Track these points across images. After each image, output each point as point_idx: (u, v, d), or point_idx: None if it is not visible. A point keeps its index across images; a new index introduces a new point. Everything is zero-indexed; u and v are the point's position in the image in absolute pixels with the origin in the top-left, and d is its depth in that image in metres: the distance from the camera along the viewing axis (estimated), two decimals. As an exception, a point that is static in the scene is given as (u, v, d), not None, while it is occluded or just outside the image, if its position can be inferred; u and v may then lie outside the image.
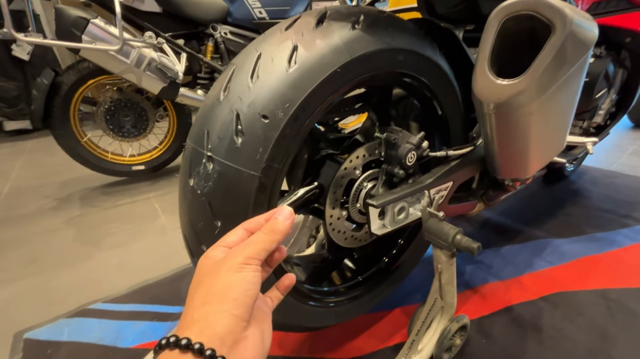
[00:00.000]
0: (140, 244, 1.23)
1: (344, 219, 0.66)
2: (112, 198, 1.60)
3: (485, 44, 0.43)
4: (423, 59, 0.58)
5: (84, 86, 1.53)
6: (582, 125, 0.99)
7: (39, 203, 1.57)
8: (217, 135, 0.45)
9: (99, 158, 1.67)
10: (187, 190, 0.47)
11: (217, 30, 1.67)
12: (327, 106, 0.50)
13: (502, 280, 0.96)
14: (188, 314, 0.27)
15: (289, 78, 0.45)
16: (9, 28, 1.16)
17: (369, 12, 0.53)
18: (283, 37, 0.47)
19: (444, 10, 0.71)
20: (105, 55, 1.36)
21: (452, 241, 0.57)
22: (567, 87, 0.45)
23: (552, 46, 0.39)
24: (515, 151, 0.57)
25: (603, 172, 1.65)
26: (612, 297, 0.88)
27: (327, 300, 0.69)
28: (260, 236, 0.31)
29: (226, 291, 0.27)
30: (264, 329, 0.29)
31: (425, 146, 0.62)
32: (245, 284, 0.27)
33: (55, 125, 1.51)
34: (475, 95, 0.47)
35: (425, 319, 0.68)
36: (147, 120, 1.73)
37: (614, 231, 1.17)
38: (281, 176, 0.49)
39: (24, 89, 2.69)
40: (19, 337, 0.84)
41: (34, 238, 1.29)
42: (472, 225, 1.25)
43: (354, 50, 0.48)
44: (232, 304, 0.26)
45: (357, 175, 0.64)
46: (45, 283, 1.04)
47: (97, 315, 0.90)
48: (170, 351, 0.24)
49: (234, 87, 0.46)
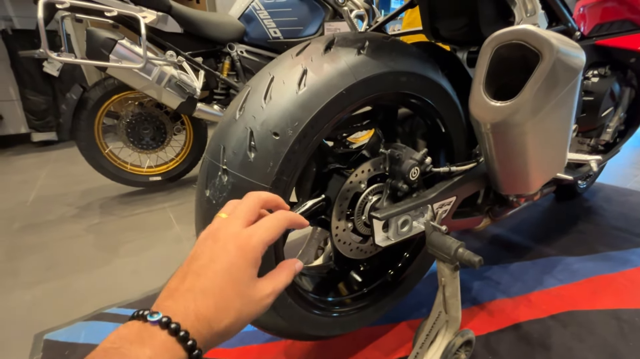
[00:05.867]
0: (155, 252, 1.27)
1: (349, 231, 0.68)
2: (129, 207, 1.66)
3: (480, 69, 0.46)
4: (425, 80, 0.62)
5: (108, 101, 1.63)
6: (589, 143, 0.99)
7: (62, 211, 1.65)
8: (232, 150, 0.49)
9: (119, 169, 1.75)
10: (203, 200, 0.51)
11: (234, 49, 1.76)
12: (333, 124, 0.54)
13: (511, 297, 0.96)
14: (187, 279, 0.29)
15: (298, 99, 0.49)
16: (44, 48, 1.26)
17: (374, 38, 0.57)
18: (294, 61, 0.51)
19: (448, 33, 0.75)
20: (130, 72, 1.45)
21: (454, 254, 0.59)
22: (560, 108, 0.47)
23: (541, 72, 0.42)
24: (514, 168, 0.59)
25: (617, 189, 1.62)
26: (624, 318, 0.87)
27: (333, 310, 0.71)
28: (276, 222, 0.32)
29: (234, 288, 0.29)
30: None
31: (429, 162, 0.65)
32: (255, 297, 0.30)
33: (80, 137, 1.61)
34: (472, 116, 0.50)
35: (430, 332, 0.69)
36: (165, 133, 1.81)
37: (627, 250, 1.15)
38: (290, 188, 0.52)
39: (52, 103, 2.86)
40: (39, 338, 0.88)
41: (55, 243, 1.36)
42: (481, 241, 1.25)
43: (359, 73, 0.52)
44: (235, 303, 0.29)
45: (363, 188, 0.67)
46: (65, 287, 1.09)
47: (112, 319, 0.94)
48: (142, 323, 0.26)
49: (248, 107, 0.50)
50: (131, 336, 0.25)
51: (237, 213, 0.32)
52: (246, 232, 0.31)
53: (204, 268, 0.29)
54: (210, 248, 0.30)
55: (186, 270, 0.30)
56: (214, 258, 0.29)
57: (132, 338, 0.25)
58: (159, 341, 0.25)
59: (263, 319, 0.59)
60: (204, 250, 0.30)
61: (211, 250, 0.30)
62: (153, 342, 0.25)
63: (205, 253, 0.30)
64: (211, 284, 0.28)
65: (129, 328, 0.26)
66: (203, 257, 0.30)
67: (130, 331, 0.26)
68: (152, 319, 0.26)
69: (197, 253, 0.31)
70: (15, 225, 1.52)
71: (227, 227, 0.31)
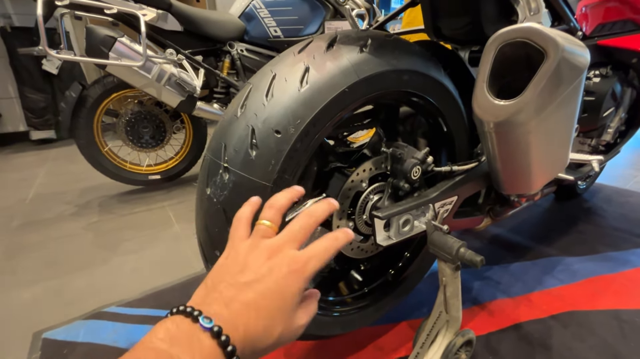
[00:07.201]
0: (154, 250, 1.27)
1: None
2: (128, 206, 1.66)
3: (483, 67, 0.46)
4: (428, 79, 0.61)
5: (108, 99, 1.62)
6: (590, 143, 0.99)
7: (60, 209, 1.64)
8: (233, 148, 0.49)
9: (118, 167, 1.74)
10: (204, 198, 0.51)
11: (234, 47, 1.76)
12: (335, 122, 0.53)
13: (511, 297, 0.96)
14: (239, 289, 0.27)
15: (300, 97, 0.48)
16: (43, 45, 1.25)
17: (376, 36, 0.56)
18: (296, 59, 0.51)
19: (450, 32, 0.74)
20: (129, 70, 1.44)
21: (455, 254, 0.59)
22: (563, 107, 0.47)
23: (545, 71, 0.41)
24: (517, 167, 0.59)
25: (618, 190, 1.62)
26: (624, 318, 0.87)
27: (334, 310, 0.70)
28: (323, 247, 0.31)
29: (278, 306, 0.28)
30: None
31: (430, 161, 0.64)
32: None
33: (79, 135, 1.60)
34: (475, 115, 0.50)
35: (430, 332, 0.69)
36: (164, 132, 1.80)
37: (627, 250, 1.15)
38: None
39: (51, 101, 2.85)
40: (37, 336, 0.88)
41: (54, 242, 1.35)
42: (482, 241, 1.25)
43: (361, 71, 0.52)
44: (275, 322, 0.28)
45: (364, 187, 0.66)
46: (64, 286, 1.08)
47: (111, 318, 0.93)
48: (184, 318, 0.25)
49: (250, 105, 0.50)
50: (181, 337, 0.24)
51: (294, 234, 0.31)
52: (302, 257, 0.30)
53: (257, 284, 0.28)
54: (264, 263, 0.29)
55: (237, 278, 0.29)
56: (268, 277, 0.28)
57: (182, 340, 0.24)
58: (206, 351, 0.24)
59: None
60: (256, 261, 0.29)
61: (266, 267, 0.29)
62: (202, 351, 0.24)
63: (259, 267, 0.29)
64: (264, 304, 0.28)
65: (178, 326, 0.25)
66: (256, 270, 0.29)
67: (180, 331, 0.25)
68: (205, 325, 0.25)
69: (248, 262, 0.29)
70: (14, 223, 1.51)
71: (284, 247, 0.30)
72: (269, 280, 0.28)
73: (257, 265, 0.29)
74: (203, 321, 0.25)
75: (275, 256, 0.30)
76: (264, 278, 0.28)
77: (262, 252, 0.30)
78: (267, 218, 0.33)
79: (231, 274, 0.29)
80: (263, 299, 0.28)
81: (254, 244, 0.31)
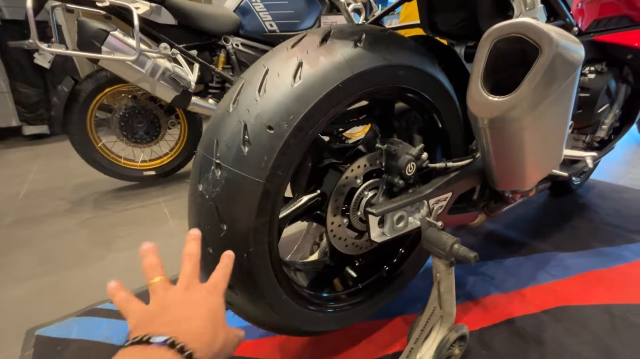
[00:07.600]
0: (149, 247, 1.26)
1: (345, 226, 0.68)
2: (123, 202, 1.65)
3: (478, 63, 0.45)
4: (423, 75, 0.61)
5: (101, 94, 1.60)
6: (585, 139, 1.00)
7: (54, 205, 1.63)
8: (225, 144, 0.48)
9: (112, 163, 1.72)
10: (196, 194, 0.50)
11: (229, 42, 1.74)
12: (329, 118, 0.53)
13: (505, 292, 0.96)
14: (168, 314, 0.33)
15: (293, 92, 0.48)
16: (34, 39, 1.23)
17: (371, 31, 0.56)
18: (289, 54, 0.50)
19: (446, 27, 0.74)
20: (123, 64, 1.42)
21: (449, 250, 0.59)
22: (558, 103, 0.47)
23: (540, 66, 0.41)
24: (511, 163, 0.59)
25: (611, 186, 1.63)
26: (616, 313, 0.88)
27: (328, 306, 0.71)
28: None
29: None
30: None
31: (425, 157, 0.64)
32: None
33: (72, 130, 1.58)
34: (470, 111, 0.50)
35: (424, 327, 0.69)
36: (159, 127, 1.79)
37: (620, 246, 1.16)
38: (285, 183, 0.52)
39: (43, 96, 2.81)
40: (31, 333, 0.87)
41: (47, 238, 1.34)
42: (476, 237, 1.25)
43: (355, 66, 0.51)
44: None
45: (359, 184, 0.66)
46: (57, 282, 1.08)
47: (105, 315, 0.93)
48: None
49: (242, 100, 0.49)
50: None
51: (190, 275, 0.40)
52: (212, 283, 0.39)
53: (190, 307, 0.35)
54: (184, 296, 0.36)
55: (169, 312, 0.34)
56: (195, 301, 0.35)
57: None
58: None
59: (258, 314, 0.59)
60: (176, 297, 0.36)
61: (189, 297, 0.36)
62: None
63: (184, 300, 0.36)
64: (199, 313, 0.34)
65: (132, 355, 0.27)
66: (182, 302, 0.35)
67: (134, 357, 0.26)
68: (158, 341, 0.27)
69: (170, 302, 0.35)
70: (7, 220, 1.49)
71: (191, 283, 0.39)
72: (196, 303, 0.35)
73: (180, 299, 0.36)
74: (156, 339, 0.27)
75: (190, 289, 0.37)
76: (192, 303, 0.35)
77: (178, 291, 0.37)
78: (155, 276, 0.39)
79: (163, 311, 0.34)
80: (199, 315, 0.34)
81: (166, 293, 0.37)
